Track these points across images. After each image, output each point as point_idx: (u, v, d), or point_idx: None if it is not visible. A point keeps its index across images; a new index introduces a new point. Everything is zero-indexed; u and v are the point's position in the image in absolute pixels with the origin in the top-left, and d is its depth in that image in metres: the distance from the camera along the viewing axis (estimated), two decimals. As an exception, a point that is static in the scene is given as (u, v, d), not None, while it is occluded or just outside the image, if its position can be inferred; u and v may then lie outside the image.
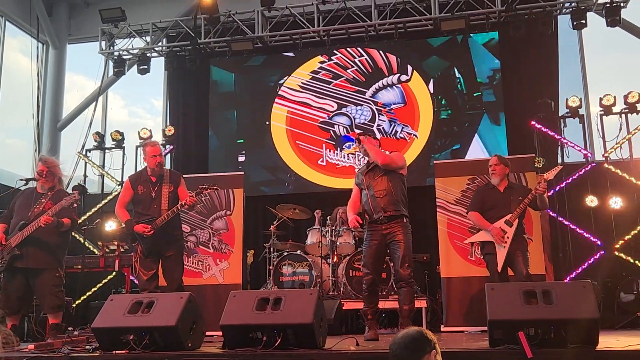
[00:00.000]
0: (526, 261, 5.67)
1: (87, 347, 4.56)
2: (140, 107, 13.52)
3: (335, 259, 7.72)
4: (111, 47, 10.25)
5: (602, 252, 8.11)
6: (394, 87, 9.59)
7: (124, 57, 10.24)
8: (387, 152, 5.66)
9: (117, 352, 4.16)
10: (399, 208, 5.30)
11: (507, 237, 5.64)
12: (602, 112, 8.63)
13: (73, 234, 6.99)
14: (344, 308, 6.92)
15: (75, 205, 5.67)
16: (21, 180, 5.90)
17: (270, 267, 7.93)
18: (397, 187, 5.35)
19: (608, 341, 4.22)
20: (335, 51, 9.90)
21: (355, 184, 5.67)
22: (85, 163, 10.00)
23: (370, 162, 5.51)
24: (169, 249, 5.56)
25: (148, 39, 10.22)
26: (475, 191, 6.45)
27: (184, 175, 6.12)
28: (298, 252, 7.82)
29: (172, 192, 5.61)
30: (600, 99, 8.58)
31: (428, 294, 7.94)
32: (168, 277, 5.60)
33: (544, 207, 5.97)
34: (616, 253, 8.05)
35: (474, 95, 9.40)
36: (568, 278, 7.92)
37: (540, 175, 5.92)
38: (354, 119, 9.58)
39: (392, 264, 5.84)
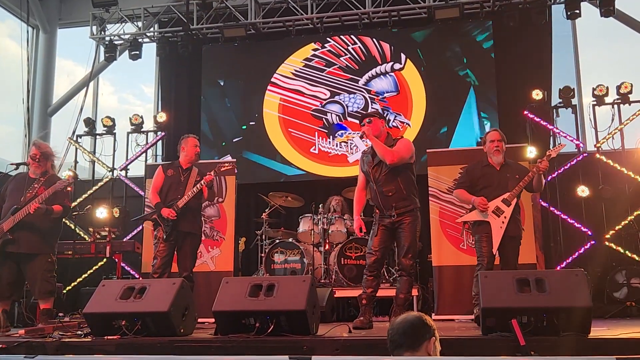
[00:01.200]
0: (516, 250, 5.47)
1: (79, 332, 4.54)
2: (130, 94, 13.44)
3: (327, 247, 7.72)
4: (102, 32, 10.14)
5: (592, 242, 8.15)
6: (387, 75, 9.56)
7: (115, 42, 10.14)
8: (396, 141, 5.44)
9: (108, 337, 4.16)
10: (410, 202, 5.24)
11: (505, 217, 5.36)
12: (595, 103, 8.65)
13: (64, 220, 6.96)
14: (335, 296, 6.92)
15: (69, 188, 5.63)
16: (12, 164, 5.85)
17: (262, 255, 7.92)
18: (406, 182, 5.27)
19: (599, 330, 4.25)
20: (328, 39, 9.84)
21: (361, 170, 5.54)
22: (76, 149, 9.93)
23: (374, 152, 5.36)
24: (186, 238, 5.80)
25: (140, 24, 10.11)
26: (465, 169, 6.06)
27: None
28: (290, 239, 7.82)
29: (198, 181, 5.82)
30: (593, 90, 8.59)
31: (419, 282, 7.94)
32: (180, 265, 5.80)
33: (539, 188, 5.61)
34: (606, 243, 8.09)
35: (460, 73, 9.37)
36: (559, 267, 7.96)
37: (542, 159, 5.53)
38: (347, 107, 9.55)
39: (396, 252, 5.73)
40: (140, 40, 10.12)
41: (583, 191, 8.35)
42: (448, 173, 7.43)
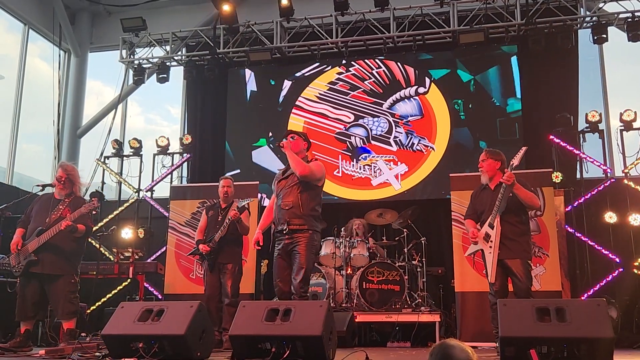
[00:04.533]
0: (527, 271, 5.03)
1: (97, 353, 4.58)
2: (157, 114, 13.66)
3: (349, 271, 7.69)
4: (131, 56, 10.36)
5: (620, 270, 7.97)
6: (411, 99, 9.56)
7: (144, 65, 10.34)
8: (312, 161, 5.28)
9: (126, 359, 4.17)
10: (305, 222, 5.02)
11: (491, 242, 5.01)
12: (622, 128, 8.51)
13: (89, 240, 7.06)
14: (356, 320, 6.88)
15: (94, 212, 5.70)
16: (37, 185, 5.96)
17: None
18: (307, 201, 5.07)
19: (624, 361, 4.14)
20: (353, 62, 9.90)
21: (272, 187, 5.44)
22: (104, 170, 10.10)
23: (288, 167, 5.25)
24: (226, 268, 6.25)
25: (168, 48, 10.34)
26: (471, 195, 5.72)
27: (200, 184, 6.91)
28: (312, 262, 7.79)
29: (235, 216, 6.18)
30: (621, 114, 8.46)
31: (442, 308, 7.86)
32: (223, 293, 6.24)
33: (530, 200, 5.12)
34: (635, 271, 7.89)
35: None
36: (585, 295, 7.79)
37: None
38: (371, 130, 9.56)
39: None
40: (168, 63, 10.31)
41: (611, 217, 8.20)
42: (471, 198, 7.35)
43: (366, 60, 9.87)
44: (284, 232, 5.03)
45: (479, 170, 5.46)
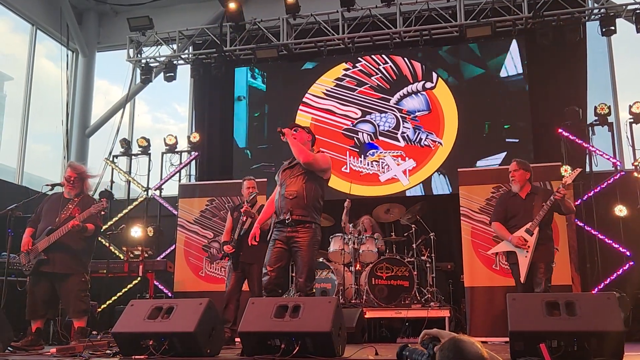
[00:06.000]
0: (548, 273, 5.49)
1: (108, 351, 4.60)
2: (164, 112, 13.70)
3: (358, 267, 7.68)
4: (139, 55, 10.39)
5: (631, 263, 7.91)
6: (418, 94, 9.54)
7: (151, 64, 10.37)
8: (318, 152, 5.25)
9: (136, 357, 4.19)
10: (308, 214, 4.94)
11: (528, 247, 5.47)
12: (632, 120, 8.45)
13: (99, 238, 7.09)
14: (365, 316, 6.88)
15: (102, 212, 5.72)
16: (47, 185, 5.99)
17: (293, 274, 7.91)
18: (312, 191, 4.98)
19: (635, 355, 4.11)
20: (359, 58, 9.88)
21: (276, 180, 5.30)
22: (112, 169, 10.14)
23: (294, 158, 5.12)
24: (251, 267, 6.28)
25: (175, 46, 10.36)
26: (497, 200, 6.27)
27: (208, 182, 6.89)
28: (321, 259, 7.79)
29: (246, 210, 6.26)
30: (630, 107, 8.39)
31: (452, 303, 7.85)
32: (250, 285, 6.34)
33: (569, 211, 5.77)
34: (646, 264, 7.85)
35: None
36: (596, 289, 7.75)
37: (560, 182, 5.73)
38: (378, 126, 9.54)
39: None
40: (175, 62, 10.33)
41: (621, 210, 8.15)
42: (480, 192, 7.35)
43: (373, 56, 9.85)
44: (287, 221, 4.90)
45: (510, 180, 5.83)
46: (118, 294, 8.97)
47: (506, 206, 5.82)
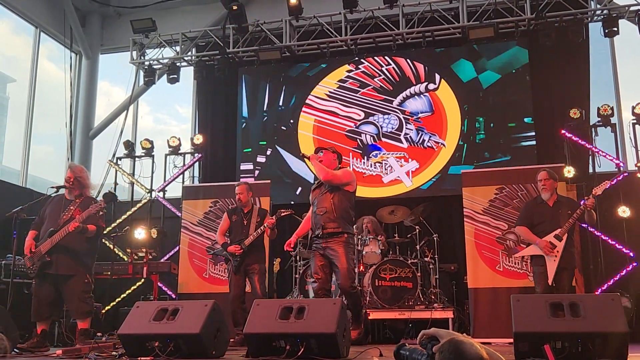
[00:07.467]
0: (570, 279, 5.83)
1: (114, 353, 4.62)
2: (166, 114, 13.72)
3: (361, 269, 7.69)
4: (142, 57, 10.41)
5: (634, 264, 7.92)
6: (421, 95, 9.55)
7: (154, 66, 10.39)
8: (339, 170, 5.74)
9: (142, 358, 4.21)
10: (339, 225, 5.50)
11: (557, 251, 5.71)
12: (635, 121, 8.45)
13: (103, 240, 7.11)
14: (369, 318, 6.88)
15: (101, 213, 5.74)
16: (52, 187, 6.01)
17: (297, 276, 7.94)
18: (339, 205, 5.53)
19: (638, 356, 4.12)
20: (362, 60, 9.90)
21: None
22: (116, 171, 10.16)
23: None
24: (253, 265, 6.40)
25: (178, 48, 10.37)
26: (524, 206, 6.48)
27: (212, 184, 6.99)
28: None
29: (259, 222, 6.47)
30: (633, 108, 8.41)
31: (455, 304, 7.85)
32: (253, 292, 6.37)
33: (591, 222, 6.05)
34: (650, 265, 7.86)
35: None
36: (599, 290, 7.75)
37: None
38: (381, 127, 9.56)
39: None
40: (178, 64, 10.34)
41: (624, 211, 8.15)
42: (483, 194, 7.36)
43: (376, 58, 9.86)
44: (320, 236, 5.52)
45: (541, 188, 6.06)
46: (122, 296, 8.99)
47: (533, 212, 6.05)
